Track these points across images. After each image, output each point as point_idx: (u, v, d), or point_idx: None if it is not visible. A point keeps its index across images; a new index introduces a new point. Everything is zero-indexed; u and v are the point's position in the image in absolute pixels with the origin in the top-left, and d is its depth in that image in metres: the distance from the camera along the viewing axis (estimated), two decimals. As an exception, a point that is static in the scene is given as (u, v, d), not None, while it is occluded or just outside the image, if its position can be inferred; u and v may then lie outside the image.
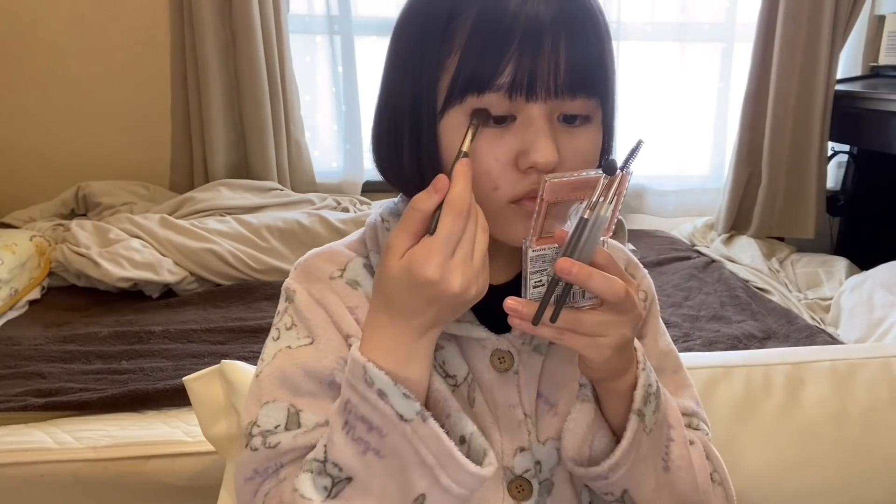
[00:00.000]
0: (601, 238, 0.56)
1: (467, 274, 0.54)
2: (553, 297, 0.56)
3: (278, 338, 0.67)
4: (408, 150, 0.62)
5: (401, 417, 0.55)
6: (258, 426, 0.63)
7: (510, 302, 0.57)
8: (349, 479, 0.57)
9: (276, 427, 0.63)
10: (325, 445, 0.58)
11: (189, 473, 1.25)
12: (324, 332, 0.65)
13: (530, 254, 0.57)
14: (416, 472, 0.56)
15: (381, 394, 0.55)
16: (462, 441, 0.60)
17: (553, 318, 0.56)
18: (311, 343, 0.65)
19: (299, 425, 0.63)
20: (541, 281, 0.58)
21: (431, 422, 0.56)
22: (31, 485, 1.24)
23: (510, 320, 0.57)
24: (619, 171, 0.54)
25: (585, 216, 0.54)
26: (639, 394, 0.62)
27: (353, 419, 0.57)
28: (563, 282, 0.55)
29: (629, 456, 0.62)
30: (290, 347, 0.66)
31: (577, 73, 0.57)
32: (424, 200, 0.55)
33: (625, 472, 0.63)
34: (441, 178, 0.55)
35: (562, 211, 0.57)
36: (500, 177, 0.58)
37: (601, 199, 0.54)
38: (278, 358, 0.65)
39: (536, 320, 0.56)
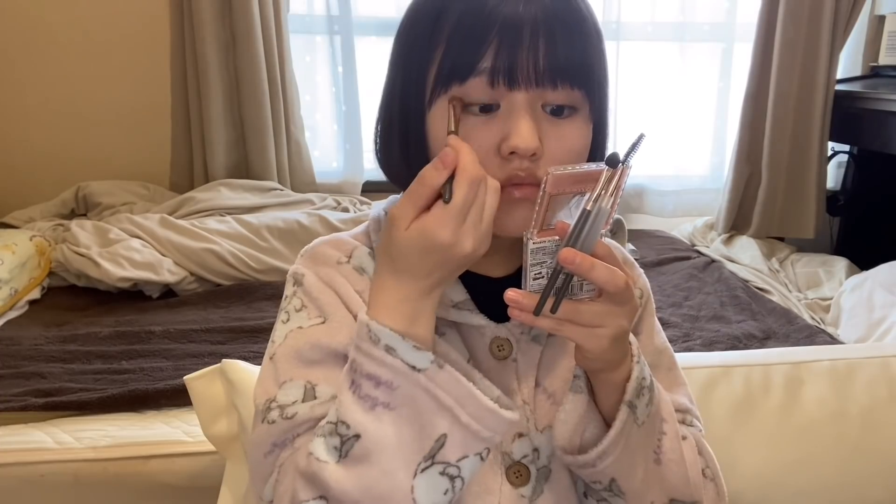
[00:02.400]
0: (601, 230, 0.57)
1: (477, 236, 0.57)
2: (553, 288, 0.57)
3: (288, 320, 0.68)
4: (397, 139, 0.66)
5: (413, 368, 0.56)
6: (276, 402, 0.64)
7: (510, 293, 0.58)
8: (357, 437, 0.57)
9: (293, 402, 0.64)
10: (336, 409, 0.59)
11: (189, 473, 1.25)
12: (335, 311, 0.67)
13: (531, 246, 0.58)
14: (435, 416, 0.57)
15: (389, 349, 0.57)
16: None
17: (553, 309, 0.57)
18: (322, 322, 0.66)
19: (315, 398, 0.64)
20: (541, 273, 0.59)
21: (449, 367, 0.57)
22: (31, 485, 1.24)
23: (510, 311, 0.58)
24: (620, 164, 0.55)
25: (588, 208, 0.55)
26: (631, 386, 0.63)
27: (358, 377, 0.58)
28: (565, 273, 0.56)
29: (617, 445, 0.63)
30: (301, 328, 0.67)
31: (557, 62, 0.60)
32: (434, 176, 0.56)
33: (612, 461, 0.63)
34: (448, 153, 0.57)
35: (560, 203, 0.58)
36: (483, 162, 0.60)
37: (603, 191, 0.55)
38: (290, 338, 0.66)
39: (538, 311, 0.57)
